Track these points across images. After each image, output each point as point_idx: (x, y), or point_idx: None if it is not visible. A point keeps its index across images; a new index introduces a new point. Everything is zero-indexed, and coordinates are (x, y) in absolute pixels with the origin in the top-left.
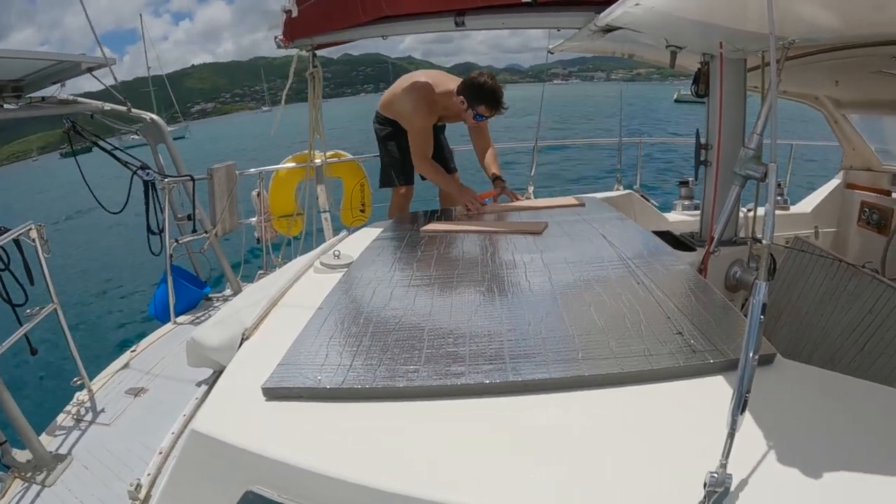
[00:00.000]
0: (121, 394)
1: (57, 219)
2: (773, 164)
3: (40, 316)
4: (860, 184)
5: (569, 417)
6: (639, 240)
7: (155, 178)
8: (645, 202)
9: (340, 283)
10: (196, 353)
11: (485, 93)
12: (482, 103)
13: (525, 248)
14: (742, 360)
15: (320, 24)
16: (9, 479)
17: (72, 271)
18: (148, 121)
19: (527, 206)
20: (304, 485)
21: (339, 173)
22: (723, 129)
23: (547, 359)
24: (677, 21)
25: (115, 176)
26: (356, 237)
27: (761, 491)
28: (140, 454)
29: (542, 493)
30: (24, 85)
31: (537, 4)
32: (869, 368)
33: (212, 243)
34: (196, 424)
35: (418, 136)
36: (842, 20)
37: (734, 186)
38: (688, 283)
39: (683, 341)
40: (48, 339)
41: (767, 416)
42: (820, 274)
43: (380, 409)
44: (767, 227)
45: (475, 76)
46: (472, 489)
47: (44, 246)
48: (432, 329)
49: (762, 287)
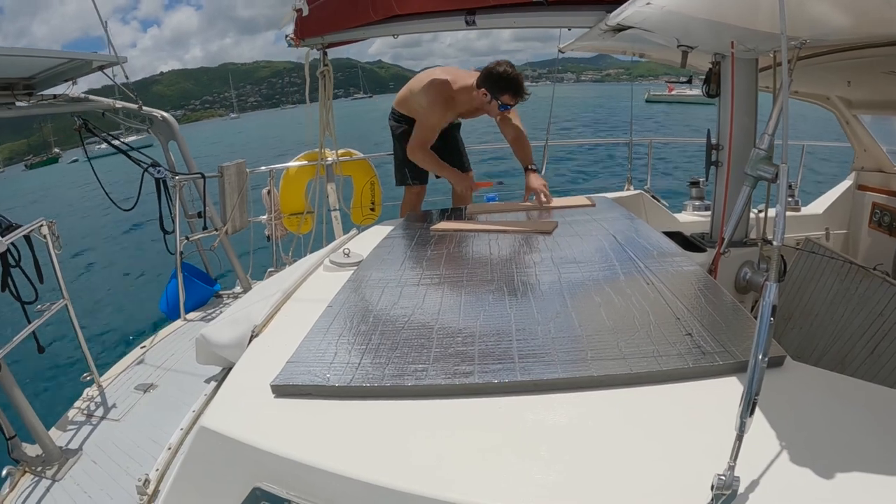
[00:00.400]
0: (130, 390)
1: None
2: (785, 165)
3: (51, 312)
4: (872, 185)
5: (577, 418)
6: (649, 240)
7: (166, 175)
8: (655, 202)
9: (350, 282)
10: (205, 349)
11: (506, 81)
12: (505, 92)
13: (535, 247)
14: (751, 361)
15: (331, 23)
16: (18, 473)
17: (82, 268)
18: (159, 118)
19: (538, 206)
20: (312, 482)
21: (350, 172)
22: (734, 130)
23: (556, 359)
24: (688, 21)
25: (86, 182)
26: (366, 235)
27: (769, 494)
28: (149, 449)
29: (550, 492)
30: (35, 83)
31: (548, 3)
32: (879, 371)
33: (222, 241)
34: (205, 421)
35: (423, 128)
36: (854, 19)
37: (745, 187)
38: (698, 284)
39: (693, 342)
40: (59, 335)
41: (776, 418)
42: (831, 276)
43: (388, 408)
44: (778, 229)
45: (492, 67)
46: (480, 488)
47: (55, 242)
48: (441, 328)
49: (772, 288)
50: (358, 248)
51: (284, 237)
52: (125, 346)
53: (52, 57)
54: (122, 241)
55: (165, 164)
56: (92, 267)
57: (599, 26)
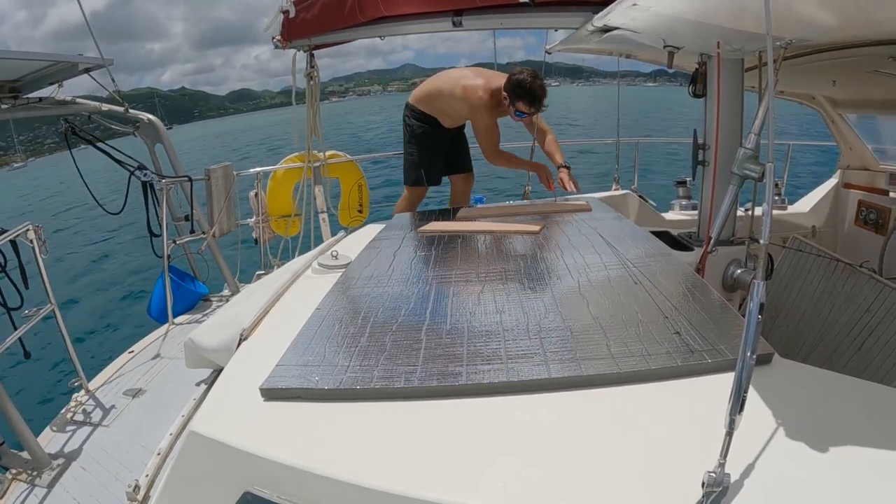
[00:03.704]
0: (119, 395)
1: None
2: (771, 164)
3: (38, 317)
4: (857, 183)
5: (567, 417)
6: (636, 239)
7: (153, 178)
8: (643, 202)
9: (338, 284)
10: (194, 353)
11: (521, 89)
12: (520, 100)
13: (523, 248)
14: (740, 359)
15: (318, 25)
16: (7, 480)
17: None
18: (145, 121)
19: (531, 210)
20: (302, 485)
21: (337, 174)
22: (720, 129)
23: (545, 359)
24: (674, 21)
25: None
26: (354, 237)
27: (759, 490)
28: (138, 455)
29: (541, 493)
30: (21, 85)
31: (535, 4)
32: (867, 367)
33: (209, 244)
34: (194, 425)
35: (485, 134)
36: (839, 20)
37: (732, 186)
38: (685, 283)
39: (681, 341)
40: (46, 341)
41: (765, 415)
42: (817, 273)
43: (377, 410)
44: (765, 227)
45: (517, 73)
46: (470, 489)
47: (41, 247)
48: (430, 329)
49: (760, 286)
50: (346, 251)
51: (272, 240)
52: (113, 350)
53: (37, 59)
54: (108, 245)
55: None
56: (78, 271)
57: (586, 27)
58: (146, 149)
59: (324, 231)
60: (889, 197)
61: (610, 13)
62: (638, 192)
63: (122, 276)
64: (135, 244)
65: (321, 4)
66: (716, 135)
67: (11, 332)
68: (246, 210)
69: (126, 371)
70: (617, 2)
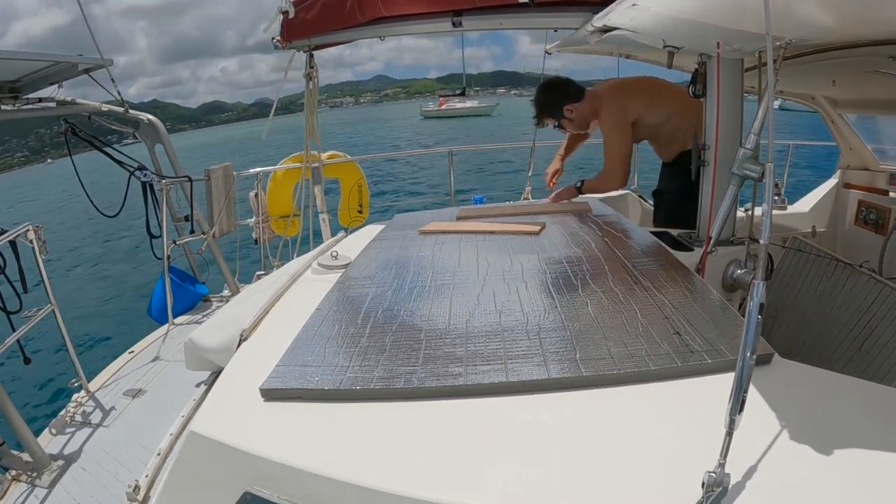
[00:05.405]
0: (119, 395)
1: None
2: (771, 164)
3: (38, 317)
4: (857, 183)
5: (567, 418)
6: (636, 240)
7: (153, 179)
8: (642, 202)
9: (338, 284)
10: (194, 354)
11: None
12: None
13: (523, 248)
14: (740, 359)
15: (318, 25)
16: (7, 480)
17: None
18: (145, 122)
19: (531, 210)
20: (303, 486)
21: (337, 174)
22: (720, 130)
23: (545, 359)
24: (674, 22)
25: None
26: (354, 238)
27: (759, 490)
28: (138, 455)
29: (541, 493)
30: (21, 86)
31: (535, 5)
32: (867, 367)
33: (209, 244)
34: (194, 426)
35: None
36: (839, 19)
37: (731, 186)
38: (685, 283)
39: (681, 341)
40: (46, 341)
41: (765, 415)
42: (817, 273)
43: (377, 410)
44: (765, 227)
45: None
46: (470, 489)
47: (41, 247)
48: (430, 330)
49: (760, 286)
50: (346, 251)
51: (272, 240)
52: (113, 351)
53: (37, 60)
54: (108, 245)
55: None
56: (78, 272)
57: (586, 27)
58: (146, 149)
59: (324, 231)
60: (889, 197)
61: (610, 13)
62: (637, 193)
63: (122, 277)
64: (135, 244)
65: (321, 5)
66: (715, 135)
67: (10, 334)
68: (246, 210)
69: (126, 371)
70: (617, 2)
